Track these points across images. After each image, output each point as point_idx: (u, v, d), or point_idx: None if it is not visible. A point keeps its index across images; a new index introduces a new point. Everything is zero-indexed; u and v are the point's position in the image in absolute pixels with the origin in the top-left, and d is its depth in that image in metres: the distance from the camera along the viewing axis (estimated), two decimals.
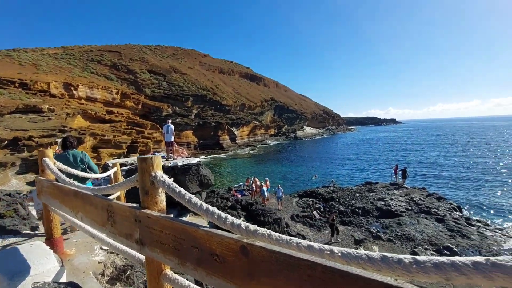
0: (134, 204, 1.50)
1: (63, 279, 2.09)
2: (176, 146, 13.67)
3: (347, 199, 17.81)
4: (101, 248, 3.37)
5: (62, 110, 31.65)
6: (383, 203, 16.44)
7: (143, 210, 1.35)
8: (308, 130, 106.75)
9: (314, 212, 15.86)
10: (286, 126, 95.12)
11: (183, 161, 12.22)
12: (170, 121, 12.60)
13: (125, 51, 63.71)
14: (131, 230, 1.43)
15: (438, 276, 0.62)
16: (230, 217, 1.04)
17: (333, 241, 12.37)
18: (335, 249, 0.79)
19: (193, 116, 57.08)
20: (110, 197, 1.95)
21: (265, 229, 0.95)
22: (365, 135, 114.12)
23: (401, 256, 0.68)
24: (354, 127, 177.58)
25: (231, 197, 18.80)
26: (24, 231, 4.25)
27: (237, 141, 66.39)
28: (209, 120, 58.99)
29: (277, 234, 0.92)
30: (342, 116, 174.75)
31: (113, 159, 28.64)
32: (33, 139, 24.80)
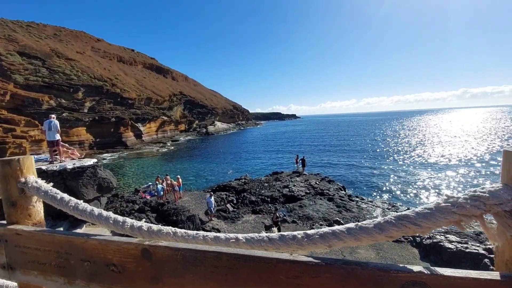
0: None
1: None
2: (66, 146, 11.42)
3: (257, 190, 19.00)
4: None
5: None
6: (287, 189, 18.31)
7: (10, 227, 1.06)
8: (219, 125, 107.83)
9: (228, 205, 16.23)
10: (197, 122, 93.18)
11: (74, 164, 10.36)
12: (54, 116, 10.38)
13: None
14: None
15: (323, 245, 0.73)
16: (129, 220, 0.94)
17: None
18: (240, 236, 0.82)
19: (85, 110, 48.84)
20: None
21: (170, 227, 0.90)
22: (271, 129, 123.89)
23: (295, 232, 0.76)
24: (261, 121, 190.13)
25: (138, 200, 17.17)
26: None
27: (143, 138, 60.83)
28: (108, 115, 51.77)
29: (182, 230, 0.89)
30: (250, 111, 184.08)
31: None
32: None
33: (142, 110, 61.73)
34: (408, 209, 0.73)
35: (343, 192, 19.16)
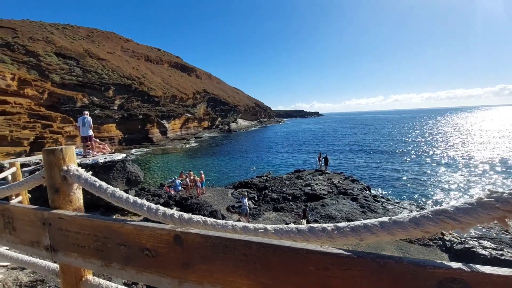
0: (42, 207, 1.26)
1: None
2: (98, 141, 12.10)
3: (279, 187, 18.95)
4: None
5: None
6: (309, 188, 18.07)
7: (53, 211, 1.15)
8: (242, 122, 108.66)
9: (249, 202, 16.35)
10: (219, 119, 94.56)
11: (105, 158, 10.95)
12: (87, 112, 11.04)
13: (23, 28, 52.45)
14: (38, 236, 1.21)
15: (354, 238, 0.72)
16: (161, 208, 0.98)
17: None
18: (269, 226, 0.82)
19: (115, 108, 51.34)
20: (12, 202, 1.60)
21: (200, 216, 0.93)
22: (293, 127, 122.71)
23: (324, 225, 0.76)
24: (284, 119, 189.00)
25: (163, 194, 17.81)
26: None
27: (168, 135, 62.83)
28: (136, 112, 54.02)
29: (212, 219, 0.91)
30: (273, 109, 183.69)
31: (10, 159, 23.63)
32: None
33: (167, 108, 63.72)
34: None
35: (367, 192, 18.57)
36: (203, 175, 18.22)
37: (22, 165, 8.22)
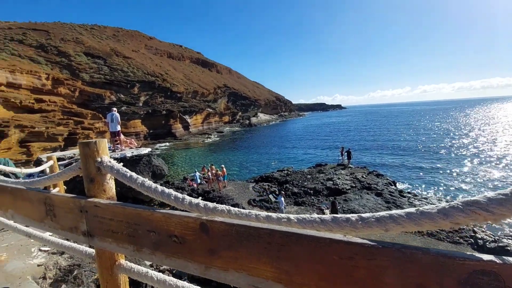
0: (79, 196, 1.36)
1: None
2: (123, 137, 12.69)
3: (300, 181, 18.84)
4: (40, 250, 3.03)
5: None
6: (331, 182, 17.79)
7: (89, 199, 1.24)
8: (262, 116, 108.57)
9: (270, 196, 16.44)
10: (240, 113, 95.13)
11: (132, 152, 11.46)
12: (115, 109, 11.59)
13: (55, 30, 55.62)
14: (76, 223, 1.31)
15: (379, 228, 0.71)
16: (187, 197, 1.02)
17: None
18: (292, 216, 0.83)
19: (141, 104, 53.30)
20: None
21: (224, 205, 0.96)
22: (315, 120, 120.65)
23: (348, 215, 0.75)
24: (304, 113, 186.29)
25: (186, 187, 18.38)
26: None
27: (190, 130, 64.34)
28: (159, 108, 55.75)
29: (236, 209, 0.94)
30: (293, 102, 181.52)
31: (47, 153, 25.42)
32: None
33: (189, 103, 65.10)
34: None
35: (393, 187, 17.93)
36: (224, 169, 18.54)
37: (58, 159, 8.82)
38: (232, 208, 0.93)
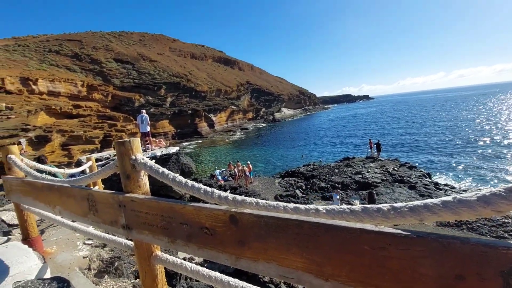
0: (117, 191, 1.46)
1: (47, 276, 2.03)
2: (150, 138, 13.28)
3: (327, 176, 18.47)
4: (85, 243, 3.29)
5: (22, 108, 29.30)
6: (360, 176, 17.24)
7: (126, 195, 1.33)
8: (286, 111, 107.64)
9: (297, 191, 16.33)
10: (263, 109, 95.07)
11: (162, 151, 11.95)
12: (144, 111, 12.16)
13: (87, 39, 59.26)
14: (115, 217, 1.41)
15: (413, 218, 0.69)
16: (216, 191, 1.06)
17: None
18: (320, 207, 0.83)
19: (167, 105, 55.24)
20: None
21: (253, 198, 0.98)
22: (340, 112, 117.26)
23: (380, 205, 0.74)
24: (329, 105, 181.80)
25: (214, 184, 18.83)
26: None
27: (215, 128, 65.58)
28: (185, 108, 57.42)
29: (264, 201, 0.95)
30: (318, 95, 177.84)
31: (86, 155, 27.34)
32: None
33: (213, 102, 66.28)
34: None
35: (427, 179, 16.96)
36: (250, 165, 18.70)
37: (95, 160, 9.44)
38: (260, 201, 0.95)
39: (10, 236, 4.10)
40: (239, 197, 0.98)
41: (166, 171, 1.22)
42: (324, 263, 0.77)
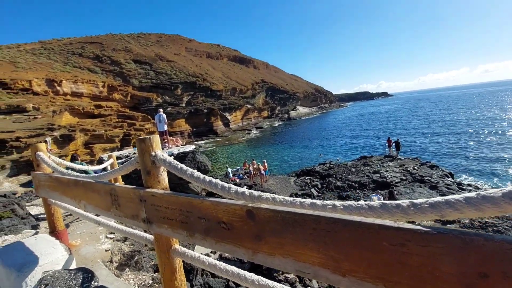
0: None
1: (73, 267, 2.14)
2: (169, 137, 13.59)
3: (344, 175, 18.16)
4: (107, 237, 3.43)
5: (47, 108, 30.82)
6: (378, 175, 16.81)
7: (147, 190, 1.38)
8: (301, 109, 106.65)
9: (312, 190, 16.18)
10: (279, 108, 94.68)
11: (179, 150, 12.20)
12: (161, 110, 12.45)
13: (107, 42, 61.35)
14: (137, 211, 1.46)
15: (434, 214, 0.67)
16: (233, 187, 1.08)
17: None
18: (337, 203, 0.83)
19: (184, 104, 56.23)
20: None
21: (269, 193, 0.99)
22: (357, 110, 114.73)
23: (399, 201, 0.72)
24: (346, 103, 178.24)
25: (229, 182, 18.99)
26: (24, 230, 4.26)
27: (231, 126, 66.06)
28: (201, 107, 58.23)
29: (280, 196, 0.96)
30: (334, 93, 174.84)
31: (107, 153, 28.37)
32: (21, 139, 24.23)
33: (228, 100, 66.76)
34: None
35: (450, 179, 16.24)
36: (266, 164, 18.71)
37: (116, 158, 9.78)
38: (276, 196, 0.96)
39: (38, 230, 4.34)
40: (255, 193, 1.00)
41: (184, 167, 1.26)
42: (342, 259, 0.77)
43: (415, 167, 17.50)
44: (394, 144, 21.04)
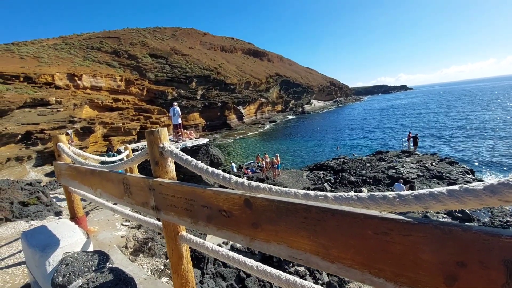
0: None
1: (90, 250, 2.29)
2: (184, 130, 13.84)
3: (358, 170, 17.90)
4: (122, 224, 3.61)
5: (69, 101, 32.04)
6: (394, 171, 16.46)
7: (155, 179, 1.46)
8: (316, 103, 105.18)
9: (325, 184, 16.08)
10: (293, 101, 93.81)
11: (192, 143, 12.43)
12: (176, 103, 12.68)
13: (124, 36, 62.59)
14: (146, 199, 1.55)
15: (418, 206, 0.70)
16: (234, 177, 1.13)
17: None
18: (329, 194, 0.86)
19: (198, 98, 56.82)
20: None
21: (266, 184, 1.04)
22: (374, 104, 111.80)
23: (386, 193, 0.75)
24: (362, 97, 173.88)
25: (242, 175, 19.19)
26: (48, 216, 4.55)
27: (244, 120, 66.23)
28: (215, 101, 58.64)
29: (277, 187, 1.01)
30: (350, 86, 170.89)
31: (124, 145, 29.30)
32: (45, 131, 25.44)
33: (242, 94, 66.81)
34: None
35: (470, 176, 15.66)
36: (278, 158, 18.72)
37: (133, 150, 10.12)
38: (273, 187, 1.00)
39: (61, 216, 4.62)
40: (254, 183, 1.05)
41: (189, 158, 1.32)
42: (331, 246, 0.81)
43: (433, 163, 16.98)
44: (412, 139, 20.45)
